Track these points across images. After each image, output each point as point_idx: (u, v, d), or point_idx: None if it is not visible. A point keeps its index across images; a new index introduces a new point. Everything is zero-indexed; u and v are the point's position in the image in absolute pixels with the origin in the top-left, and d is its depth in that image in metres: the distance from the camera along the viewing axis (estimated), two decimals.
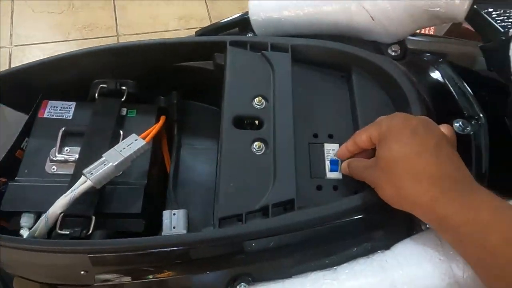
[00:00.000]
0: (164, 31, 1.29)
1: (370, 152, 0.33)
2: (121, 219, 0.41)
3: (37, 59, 1.31)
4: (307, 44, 0.40)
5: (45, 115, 0.46)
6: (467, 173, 0.28)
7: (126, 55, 0.46)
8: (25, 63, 0.47)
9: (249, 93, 0.37)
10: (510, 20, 0.30)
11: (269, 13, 0.43)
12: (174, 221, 0.42)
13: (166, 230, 0.42)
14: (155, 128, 0.44)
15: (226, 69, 0.38)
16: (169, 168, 0.50)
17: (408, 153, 0.28)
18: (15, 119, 0.49)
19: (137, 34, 1.27)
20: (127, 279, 0.34)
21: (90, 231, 0.39)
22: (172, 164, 0.47)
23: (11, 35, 1.19)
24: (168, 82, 0.49)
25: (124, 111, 0.47)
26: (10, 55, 1.16)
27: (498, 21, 0.33)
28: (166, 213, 0.43)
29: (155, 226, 0.43)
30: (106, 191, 0.41)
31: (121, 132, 0.45)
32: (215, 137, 0.51)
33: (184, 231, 0.41)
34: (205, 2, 1.37)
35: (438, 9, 0.37)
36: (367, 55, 0.39)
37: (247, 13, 0.47)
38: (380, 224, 0.33)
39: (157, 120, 0.48)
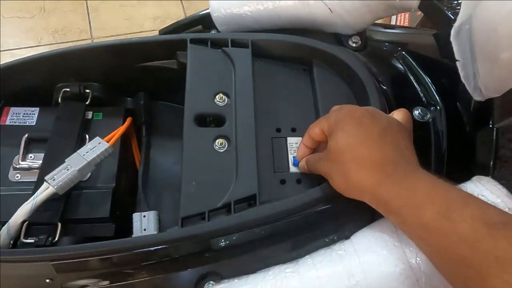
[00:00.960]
0: (140, 32, 1.27)
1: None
2: (89, 224, 0.41)
3: None
4: (267, 38, 0.40)
5: (7, 122, 0.45)
6: (412, 157, 0.29)
7: (87, 57, 0.45)
8: None
9: (210, 90, 0.37)
10: (459, 8, 0.30)
11: (230, 9, 0.43)
12: (144, 224, 0.42)
13: (137, 232, 0.41)
14: (119, 131, 0.43)
15: (187, 67, 0.38)
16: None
17: (353, 142, 0.29)
18: None
19: (112, 36, 1.25)
20: (90, 283, 0.34)
21: (56, 238, 0.38)
22: (141, 166, 0.46)
23: None
24: (133, 83, 0.49)
25: (89, 114, 0.46)
26: None
27: (450, 10, 0.33)
28: (136, 216, 0.42)
29: (127, 229, 0.43)
30: (73, 196, 0.41)
31: (87, 136, 0.45)
32: (181, 135, 0.51)
33: (155, 233, 0.40)
34: (181, 1, 1.36)
35: None
36: (327, 48, 0.39)
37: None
38: (344, 214, 0.34)
39: (124, 123, 0.47)
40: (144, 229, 0.42)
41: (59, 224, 0.39)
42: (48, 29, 1.23)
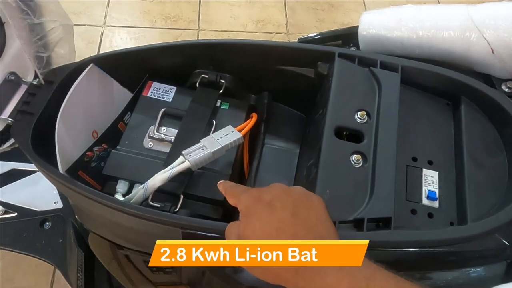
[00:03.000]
0: (242, 31, 1.33)
1: None
2: (202, 203, 0.44)
3: (124, 41, 1.40)
4: (418, 67, 0.40)
5: (149, 95, 0.50)
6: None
7: (231, 51, 0.49)
8: (137, 46, 0.51)
9: (353, 106, 0.38)
10: None
11: (380, 31, 0.44)
12: None
13: None
14: (249, 124, 0.46)
15: (333, 80, 0.39)
16: (246, 164, 0.52)
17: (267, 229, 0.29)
18: (120, 93, 0.53)
19: (216, 30, 1.32)
20: None
21: (177, 209, 0.41)
22: (255, 160, 0.48)
23: (105, 16, 1.30)
24: (263, 82, 0.51)
25: (218, 102, 0.50)
26: (102, 34, 1.27)
27: None
28: None
29: (229, 215, 0.45)
30: (195, 174, 0.44)
31: (214, 121, 0.48)
32: (295, 141, 0.52)
33: None
34: (285, 9, 1.40)
35: None
36: (482, 87, 0.38)
37: (353, 28, 0.47)
38: (475, 258, 0.32)
39: (247, 116, 0.50)
40: None
41: (181, 197, 0.42)
42: (163, 14, 1.34)
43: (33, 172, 0.70)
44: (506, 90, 0.41)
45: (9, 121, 0.47)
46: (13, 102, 0.48)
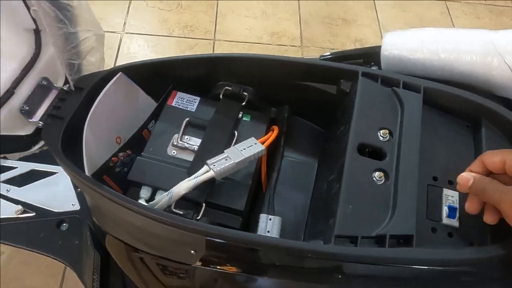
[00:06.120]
0: (257, 43, 1.36)
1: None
2: (222, 212, 0.45)
3: (141, 48, 1.43)
4: (440, 89, 0.41)
5: (173, 104, 0.52)
6: None
7: (254, 65, 0.50)
8: (162, 57, 0.53)
9: (375, 124, 0.39)
10: None
11: (402, 52, 0.45)
12: (269, 226, 0.45)
13: (261, 232, 0.44)
14: (271, 137, 0.47)
15: (356, 98, 0.40)
16: (263, 175, 0.53)
17: None
18: (145, 102, 0.55)
19: (231, 41, 1.35)
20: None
21: (199, 217, 0.43)
22: (275, 172, 0.49)
23: (124, 23, 1.33)
24: (284, 96, 0.52)
25: (240, 114, 0.51)
26: (120, 40, 1.30)
27: None
28: (263, 217, 0.45)
29: (245, 225, 0.46)
30: (216, 183, 0.45)
31: (236, 132, 0.49)
32: (313, 154, 0.53)
33: (278, 237, 0.43)
34: (300, 23, 1.42)
35: None
36: (502, 111, 0.39)
37: (374, 48, 0.49)
38: (495, 279, 0.33)
39: (267, 129, 0.51)
40: (268, 231, 0.45)
41: (204, 205, 0.43)
42: (180, 23, 1.37)
43: (52, 173, 0.71)
44: None
45: (40, 124, 0.49)
46: (43, 106, 0.50)
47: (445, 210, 0.36)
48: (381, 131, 0.39)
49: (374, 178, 0.36)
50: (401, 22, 1.48)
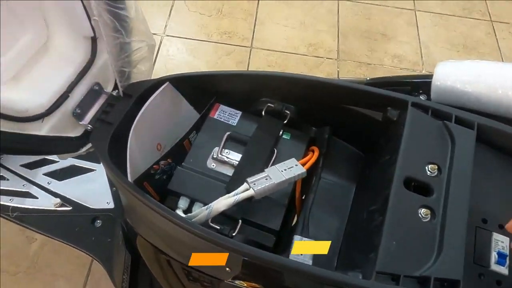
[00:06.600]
0: (293, 53, 1.36)
1: None
2: (257, 230, 0.45)
3: (180, 51, 1.46)
4: (495, 127, 0.39)
5: (215, 116, 0.53)
6: None
7: (298, 85, 0.50)
8: (208, 70, 0.54)
9: (424, 157, 0.38)
10: None
11: (455, 83, 0.44)
12: None
13: (294, 254, 0.44)
14: (312, 159, 0.47)
15: (405, 128, 0.39)
16: (297, 196, 0.52)
17: None
18: (188, 112, 0.56)
19: (268, 50, 1.36)
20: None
21: (235, 233, 0.43)
22: (311, 194, 0.49)
23: (165, 25, 1.37)
24: (325, 117, 0.52)
25: (280, 131, 0.51)
26: (161, 42, 1.33)
27: None
28: (297, 238, 0.45)
29: (278, 244, 0.46)
30: (253, 200, 0.45)
31: (275, 150, 0.49)
32: (351, 178, 0.52)
33: (310, 262, 0.43)
34: (338, 35, 1.41)
35: None
36: None
37: (424, 76, 0.48)
38: None
39: (307, 148, 0.51)
40: (301, 254, 0.44)
41: (240, 221, 0.44)
42: (219, 29, 1.39)
43: (90, 170, 0.74)
44: None
45: (88, 128, 0.51)
46: (93, 110, 0.52)
47: (494, 255, 0.34)
48: (429, 166, 0.37)
49: (420, 215, 0.35)
50: (443, 41, 1.43)
